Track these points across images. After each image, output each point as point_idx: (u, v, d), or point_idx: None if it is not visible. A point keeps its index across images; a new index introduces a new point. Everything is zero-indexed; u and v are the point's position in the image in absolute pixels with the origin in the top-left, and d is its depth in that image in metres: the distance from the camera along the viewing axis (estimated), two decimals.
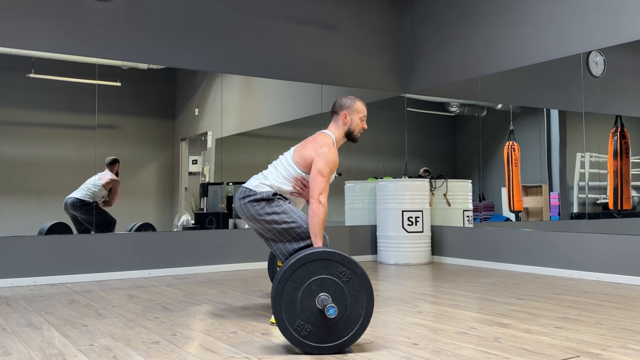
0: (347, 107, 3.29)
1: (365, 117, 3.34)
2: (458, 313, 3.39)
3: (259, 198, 3.14)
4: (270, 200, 3.13)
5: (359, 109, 3.31)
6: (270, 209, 3.11)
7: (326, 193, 3.08)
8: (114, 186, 5.24)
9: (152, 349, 2.62)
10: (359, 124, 3.31)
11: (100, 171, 5.19)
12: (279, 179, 3.20)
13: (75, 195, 5.09)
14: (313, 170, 3.10)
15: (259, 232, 3.23)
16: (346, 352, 2.53)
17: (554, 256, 5.04)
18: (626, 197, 4.85)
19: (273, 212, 3.10)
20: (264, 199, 3.13)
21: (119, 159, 5.27)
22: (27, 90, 4.95)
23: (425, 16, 6.68)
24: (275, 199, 3.14)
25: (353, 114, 3.29)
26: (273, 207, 3.12)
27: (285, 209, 3.12)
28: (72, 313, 3.47)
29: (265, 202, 3.13)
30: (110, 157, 5.24)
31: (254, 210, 3.13)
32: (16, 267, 4.64)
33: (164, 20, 5.45)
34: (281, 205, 3.13)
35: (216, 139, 5.91)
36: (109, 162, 5.24)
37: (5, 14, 4.80)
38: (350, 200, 6.60)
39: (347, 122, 3.29)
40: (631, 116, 4.89)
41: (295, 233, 3.09)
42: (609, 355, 2.46)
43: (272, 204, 3.12)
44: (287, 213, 3.11)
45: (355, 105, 3.31)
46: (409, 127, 6.95)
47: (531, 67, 5.52)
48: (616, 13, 4.83)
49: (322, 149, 3.12)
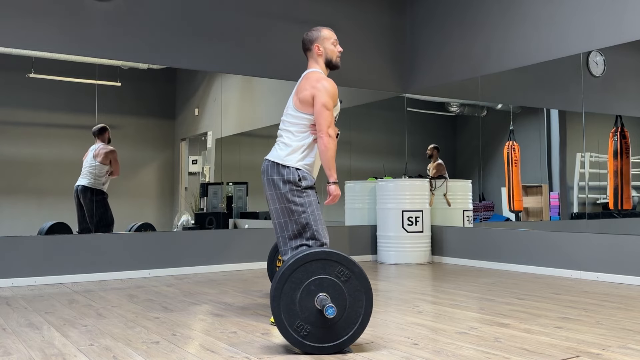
0: (316, 39, 3.29)
1: (337, 41, 3.33)
2: (458, 313, 3.39)
3: (288, 179, 3.09)
4: (299, 188, 3.09)
5: (327, 35, 3.30)
6: (299, 198, 3.08)
7: (333, 126, 3.08)
8: (112, 157, 5.22)
9: (152, 349, 2.62)
10: (333, 49, 3.29)
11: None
12: (299, 142, 3.14)
13: (82, 182, 5.10)
14: (317, 105, 3.07)
15: (274, 213, 3.18)
16: (346, 352, 2.53)
17: (554, 256, 5.04)
18: (626, 197, 4.85)
19: (300, 202, 3.07)
20: (291, 181, 3.09)
21: (108, 127, 5.20)
22: (27, 90, 4.95)
23: (425, 16, 6.68)
24: (304, 186, 3.09)
25: (324, 42, 3.28)
26: (302, 197, 3.08)
27: (311, 201, 3.10)
28: (72, 313, 3.47)
29: (295, 187, 3.08)
30: (98, 125, 5.15)
31: (281, 189, 3.10)
32: (16, 267, 4.64)
33: (164, 20, 5.45)
34: (309, 196, 3.10)
35: (216, 139, 5.91)
36: (98, 132, 5.13)
37: (5, 14, 4.81)
38: (350, 200, 6.60)
39: (322, 53, 3.28)
40: (631, 116, 4.89)
41: (309, 233, 3.07)
42: (609, 355, 2.46)
43: (302, 193, 3.09)
44: (311, 207, 3.09)
45: (322, 33, 3.30)
46: (409, 127, 6.95)
47: (531, 67, 5.52)
48: (616, 13, 4.83)
49: (319, 84, 3.11)
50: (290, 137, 3.17)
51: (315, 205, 3.11)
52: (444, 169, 6.65)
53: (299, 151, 3.13)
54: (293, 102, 3.20)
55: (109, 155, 5.20)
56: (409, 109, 6.95)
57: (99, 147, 5.16)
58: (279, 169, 3.12)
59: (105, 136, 5.19)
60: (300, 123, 3.15)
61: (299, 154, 3.13)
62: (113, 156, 5.22)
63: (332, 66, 3.33)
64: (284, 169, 3.10)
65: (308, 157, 3.16)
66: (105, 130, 5.19)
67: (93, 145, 5.16)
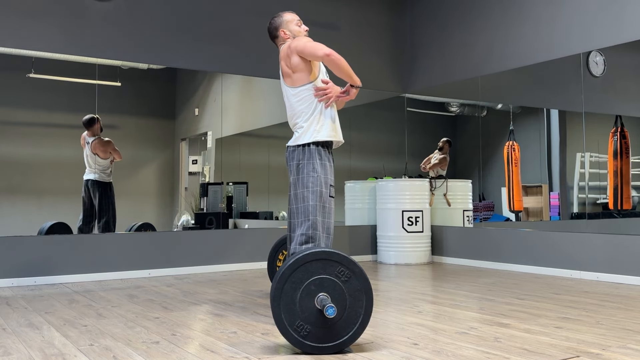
0: (280, 24, 3.36)
1: (301, 21, 3.38)
2: (458, 313, 3.39)
3: (300, 144, 3.11)
4: (311, 158, 3.08)
5: (289, 18, 3.37)
6: (312, 182, 3.06)
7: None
8: (111, 149, 5.21)
9: (152, 349, 2.62)
10: (298, 29, 3.35)
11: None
12: (310, 115, 3.15)
13: (92, 177, 5.11)
14: (305, 50, 3.10)
15: (289, 199, 3.16)
16: (346, 352, 2.53)
17: (554, 256, 5.04)
18: (626, 197, 4.85)
19: (311, 189, 3.04)
20: (303, 145, 3.10)
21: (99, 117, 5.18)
22: (27, 90, 4.95)
23: (425, 16, 6.68)
24: (316, 158, 3.08)
25: (288, 25, 3.35)
26: (315, 180, 3.06)
27: (321, 191, 3.05)
28: (72, 313, 3.47)
29: (307, 156, 3.09)
30: (87, 116, 5.10)
31: (295, 160, 3.11)
32: (16, 267, 4.64)
33: (164, 20, 5.45)
34: (319, 183, 3.06)
35: (216, 139, 5.91)
36: (88, 124, 5.08)
37: (5, 14, 4.81)
38: (350, 200, 6.60)
39: (289, 36, 3.35)
40: (631, 116, 4.89)
41: (310, 222, 3.04)
42: (609, 355, 2.46)
43: (312, 163, 3.08)
44: (320, 197, 3.04)
45: (285, 17, 3.37)
46: (409, 127, 6.95)
47: (531, 67, 5.52)
48: (616, 13, 4.83)
49: (293, 44, 3.16)
50: (299, 115, 3.18)
51: (326, 197, 3.08)
52: (445, 165, 6.62)
53: (314, 123, 3.14)
54: (285, 82, 3.25)
55: (107, 147, 5.19)
56: (409, 109, 6.95)
57: (93, 140, 5.14)
58: (294, 153, 3.13)
59: (96, 127, 5.16)
60: (303, 97, 3.17)
61: (316, 126, 3.13)
62: (111, 147, 5.21)
63: None
64: (299, 148, 3.11)
65: (324, 125, 3.14)
66: (95, 121, 5.15)
67: (87, 137, 5.12)
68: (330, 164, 3.16)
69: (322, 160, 3.11)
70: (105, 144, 5.17)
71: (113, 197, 5.18)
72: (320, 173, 3.08)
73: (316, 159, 3.10)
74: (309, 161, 3.09)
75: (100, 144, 5.15)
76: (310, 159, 3.10)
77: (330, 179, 3.13)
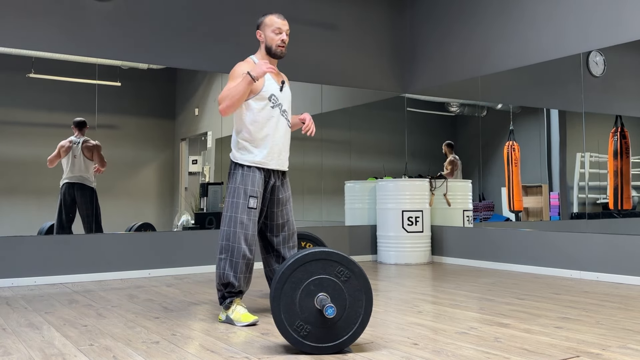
0: (259, 25, 3.29)
1: (282, 30, 3.24)
2: (458, 313, 3.39)
3: (229, 169, 3.29)
4: (231, 174, 3.27)
5: (269, 22, 3.25)
6: (229, 189, 3.22)
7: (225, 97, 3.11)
8: (96, 151, 5.17)
9: (152, 349, 2.62)
10: (273, 37, 3.24)
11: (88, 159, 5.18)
12: (236, 138, 3.27)
13: (81, 180, 5.08)
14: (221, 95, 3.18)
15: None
16: (345, 352, 2.53)
17: (554, 256, 5.04)
18: (626, 197, 4.85)
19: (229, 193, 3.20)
20: (229, 170, 3.28)
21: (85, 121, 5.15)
22: (27, 90, 4.95)
23: (425, 16, 6.68)
24: (234, 172, 3.23)
25: (265, 29, 3.26)
26: (230, 187, 3.22)
27: (238, 202, 3.17)
28: (72, 313, 3.47)
29: (231, 175, 3.27)
30: (79, 118, 5.08)
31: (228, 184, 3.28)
32: (16, 267, 4.64)
33: (164, 20, 5.45)
34: (236, 186, 3.20)
35: (216, 139, 5.91)
36: (81, 124, 5.07)
37: (5, 14, 4.81)
38: (350, 200, 6.60)
39: (262, 39, 3.29)
40: (631, 116, 4.89)
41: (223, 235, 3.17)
42: (609, 355, 2.46)
43: (231, 179, 3.25)
44: (232, 204, 3.17)
45: (265, 20, 3.26)
46: (409, 127, 6.95)
47: (531, 67, 5.52)
48: (616, 13, 4.83)
49: (230, 73, 3.28)
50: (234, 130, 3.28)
51: (237, 207, 3.15)
52: (454, 168, 6.58)
53: (240, 145, 3.25)
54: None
55: (93, 149, 5.14)
56: (409, 109, 6.95)
57: (83, 140, 5.10)
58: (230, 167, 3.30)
59: (86, 130, 5.15)
60: (237, 118, 3.26)
61: (240, 149, 3.25)
62: (97, 150, 5.17)
63: (272, 54, 3.29)
64: (231, 165, 3.30)
65: (252, 149, 3.22)
66: (85, 124, 5.14)
67: (74, 138, 5.08)
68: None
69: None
70: (92, 145, 5.14)
71: (96, 202, 5.13)
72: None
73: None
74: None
75: (88, 144, 5.12)
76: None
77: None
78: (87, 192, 5.07)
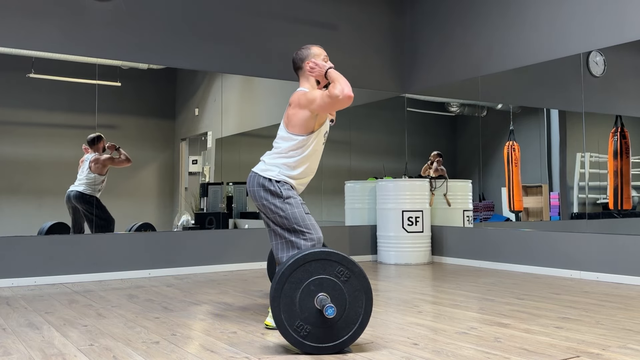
0: (307, 56, 3.23)
1: (327, 57, 3.27)
2: (458, 313, 3.39)
3: (268, 188, 3.06)
4: (279, 196, 3.04)
5: (317, 52, 3.25)
6: (278, 206, 3.03)
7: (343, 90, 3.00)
8: (110, 163, 5.21)
9: (152, 349, 2.62)
10: (324, 65, 3.22)
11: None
12: (282, 160, 3.11)
13: (78, 188, 5.09)
14: (315, 105, 3.02)
15: (264, 220, 3.18)
16: (345, 352, 2.53)
17: (554, 256, 5.04)
18: (626, 197, 4.85)
19: (281, 209, 3.02)
20: (271, 191, 3.05)
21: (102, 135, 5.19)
22: (27, 90, 4.95)
23: (425, 16, 6.68)
24: (285, 196, 3.04)
25: (317, 60, 3.23)
26: (283, 204, 3.03)
27: (292, 203, 3.05)
28: (72, 313, 3.47)
29: (276, 196, 3.04)
30: (92, 135, 5.12)
31: (263, 199, 3.07)
32: (16, 267, 4.64)
33: (164, 20, 5.45)
34: (291, 205, 3.05)
35: (216, 139, 5.91)
36: (92, 141, 5.11)
37: (5, 14, 4.81)
38: (350, 200, 6.60)
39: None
40: (631, 116, 4.89)
41: (297, 230, 3.02)
42: (609, 355, 2.46)
43: (284, 201, 3.03)
44: (292, 208, 3.04)
45: (313, 51, 3.25)
46: (409, 127, 6.95)
47: (531, 67, 5.52)
48: (616, 13, 4.83)
49: (304, 97, 3.07)
50: (278, 151, 3.14)
51: (296, 204, 3.04)
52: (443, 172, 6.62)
53: (284, 166, 3.09)
54: (283, 121, 3.17)
55: (106, 163, 5.19)
56: (409, 109, 6.95)
57: (93, 157, 5.13)
58: (258, 179, 3.09)
59: (100, 146, 5.18)
60: (290, 143, 3.11)
61: (284, 169, 3.09)
62: (111, 162, 5.22)
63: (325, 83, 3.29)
64: (265, 180, 3.07)
65: (294, 171, 3.11)
66: (100, 139, 5.17)
67: (87, 155, 5.13)
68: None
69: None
70: (104, 160, 5.17)
71: (100, 207, 5.13)
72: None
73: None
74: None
75: (98, 162, 5.15)
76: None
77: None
78: (84, 200, 5.10)
